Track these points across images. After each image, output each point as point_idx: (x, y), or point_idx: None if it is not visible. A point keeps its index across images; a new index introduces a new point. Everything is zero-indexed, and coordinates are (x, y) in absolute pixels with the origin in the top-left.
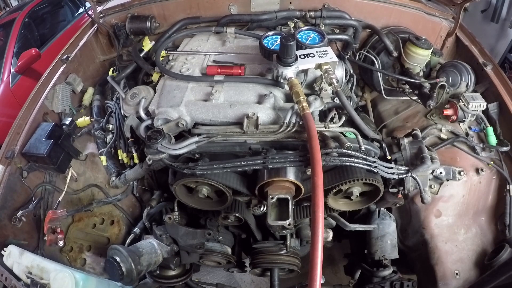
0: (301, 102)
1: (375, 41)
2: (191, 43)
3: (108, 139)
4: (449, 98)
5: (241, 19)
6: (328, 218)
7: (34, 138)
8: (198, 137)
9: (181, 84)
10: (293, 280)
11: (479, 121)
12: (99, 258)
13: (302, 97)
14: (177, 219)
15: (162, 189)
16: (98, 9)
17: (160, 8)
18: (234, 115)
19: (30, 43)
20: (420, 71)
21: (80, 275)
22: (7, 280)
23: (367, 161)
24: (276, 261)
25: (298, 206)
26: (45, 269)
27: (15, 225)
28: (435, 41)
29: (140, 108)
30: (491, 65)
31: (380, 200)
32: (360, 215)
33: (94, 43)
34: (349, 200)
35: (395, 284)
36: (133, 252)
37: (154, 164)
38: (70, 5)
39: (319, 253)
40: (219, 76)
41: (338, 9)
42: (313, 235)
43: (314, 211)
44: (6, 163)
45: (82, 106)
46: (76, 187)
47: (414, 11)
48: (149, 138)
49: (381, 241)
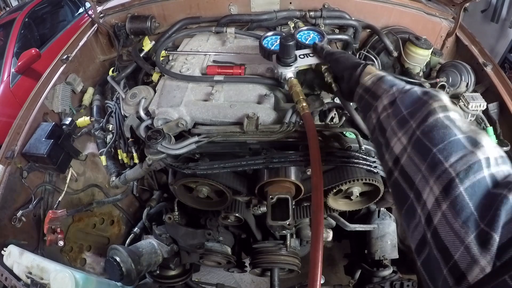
0: (300, 102)
1: (375, 41)
2: (191, 43)
3: (108, 139)
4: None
5: (241, 19)
6: (328, 218)
7: (34, 138)
8: (198, 137)
9: (181, 84)
10: (293, 280)
11: (479, 121)
12: (99, 258)
13: (301, 97)
14: (177, 219)
15: (162, 189)
16: (98, 9)
17: (160, 8)
18: (234, 115)
19: (30, 43)
20: (420, 71)
21: (80, 275)
22: (7, 280)
23: (367, 161)
24: (276, 261)
25: (298, 206)
26: (45, 269)
27: (15, 225)
28: (435, 41)
29: (140, 108)
30: (491, 65)
31: (380, 200)
32: (360, 215)
33: (94, 43)
34: (349, 200)
35: (395, 284)
36: (133, 252)
37: (154, 164)
38: (70, 5)
39: (320, 253)
40: (219, 76)
41: (338, 9)
42: (313, 236)
43: (314, 212)
44: (6, 163)
45: (82, 106)
46: (76, 187)
47: (414, 11)
48: (149, 138)
49: (381, 241)
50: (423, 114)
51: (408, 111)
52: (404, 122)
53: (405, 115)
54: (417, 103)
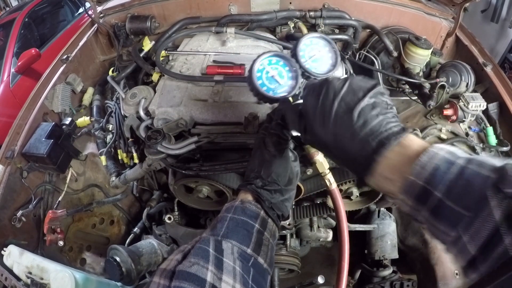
0: (326, 175)
1: (375, 41)
2: (191, 43)
3: (108, 139)
4: (449, 98)
5: (241, 19)
6: (328, 218)
7: (34, 138)
8: (198, 137)
9: (181, 84)
10: (293, 280)
11: (479, 121)
12: (99, 258)
13: (326, 169)
14: (177, 219)
15: (162, 189)
16: (98, 9)
17: (160, 8)
18: (234, 115)
19: (30, 43)
20: (420, 71)
21: (80, 275)
22: (7, 280)
23: None
24: (276, 261)
25: (298, 206)
26: (45, 269)
27: (15, 225)
28: (435, 41)
29: (140, 108)
30: (491, 65)
31: (380, 200)
32: (360, 215)
33: (94, 43)
34: (349, 200)
35: (395, 284)
36: (133, 252)
37: (154, 164)
38: (70, 5)
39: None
40: (219, 76)
41: (338, 9)
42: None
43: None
44: (6, 163)
45: (82, 106)
46: (76, 187)
47: (414, 11)
48: (149, 138)
49: (381, 241)
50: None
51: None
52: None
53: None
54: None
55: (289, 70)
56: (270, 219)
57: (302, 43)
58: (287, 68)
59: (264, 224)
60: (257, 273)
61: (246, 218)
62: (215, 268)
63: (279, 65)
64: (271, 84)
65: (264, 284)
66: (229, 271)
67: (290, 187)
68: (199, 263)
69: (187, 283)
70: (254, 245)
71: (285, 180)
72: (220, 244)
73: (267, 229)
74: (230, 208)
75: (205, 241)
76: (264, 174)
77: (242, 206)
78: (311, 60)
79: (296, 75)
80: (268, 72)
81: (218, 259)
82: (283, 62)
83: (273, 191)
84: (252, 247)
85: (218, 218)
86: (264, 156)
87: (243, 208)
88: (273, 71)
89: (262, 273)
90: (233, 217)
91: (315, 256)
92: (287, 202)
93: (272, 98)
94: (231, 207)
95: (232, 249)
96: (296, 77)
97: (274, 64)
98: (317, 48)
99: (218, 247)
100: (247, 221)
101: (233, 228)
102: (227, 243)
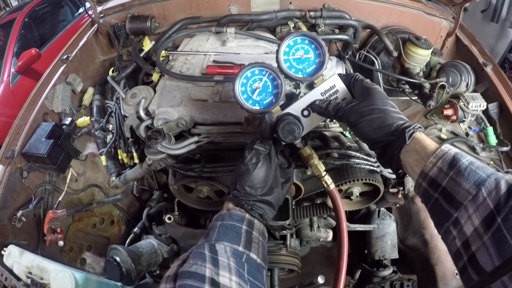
0: (323, 177)
1: (375, 41)
2: (191, 43)
3: (108, 139)
4: (449, 98)
5: (241, 19)
6: (328, 218)
7: (34, 138)
8: (198, 137)
9: (181, 84)
10: (293, 280)
11: (479, 121)
12: (99, 258)
13: (323, 171)
14: (177, 219)
15: (162, 189)
16: (98, 9)
17: (160, 8)
18: (234, 115)
19: (30, 43)
20: (420, 71)
21: (80, 275)
22: (7, 280)
23: (369, 161)
24: (276, 261)
25: (298, 206)
26: (45, 269)
27: (15, 225)
28: (435, 41)
29: (140, 108)
30: (491, 65)
31: (380, 200)
32: (360, 215)
33: (94, 43)
34: (349, 200)
35: (395, 284)
36: (133, 252)
37: (154, 164)
38: (70, 5)
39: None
40: (219, 76)
41: (338, 9)
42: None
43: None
44: (6, 163)
45: (82, 106)
46: (76, 187)
47: (414, 11)
48: (149, 138)
49: (381, 241)
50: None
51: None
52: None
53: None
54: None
55: (272, 79)
56: (256, 219)
57: (284, 46)
58: (271, 77)
59: (251, 225)
60: (251, 267)
61: (234, 222)
62: (212, 265)
63: (263, 75)
64: (258, 96)
65: (261, 277)
66: (224, 267)
67: (270, 197)
68: (197, 263)
69: (189, 280)
70: (244, 243)
71: (263, 190)
72: (214, 247)
73: (255, 228)
74: (219, 217)
75: (200, 246)
76: (239, 186)
77: (228, 213)
78: (296, 63)
79: (280, 83)
80: (251, 85)
81: (214, 258)
82: (265, 72)
83: (250, 201)
84: (243, 245)
85: (210, 227)
86: (240, 169)
87: (229, 215)
88: (257, 84)
89: (256, 267)
90: (222, 223)
91: (315, 256)
92: (269, 207)
93: (255, 112)
94: (219, 216)
95: (225, 249)
96: (279, 86)
97: (258, 75)
98: (302, 48)
99: (212, 249)
100: (234, 224)
101: (223, 232)
102: (220, 244)
